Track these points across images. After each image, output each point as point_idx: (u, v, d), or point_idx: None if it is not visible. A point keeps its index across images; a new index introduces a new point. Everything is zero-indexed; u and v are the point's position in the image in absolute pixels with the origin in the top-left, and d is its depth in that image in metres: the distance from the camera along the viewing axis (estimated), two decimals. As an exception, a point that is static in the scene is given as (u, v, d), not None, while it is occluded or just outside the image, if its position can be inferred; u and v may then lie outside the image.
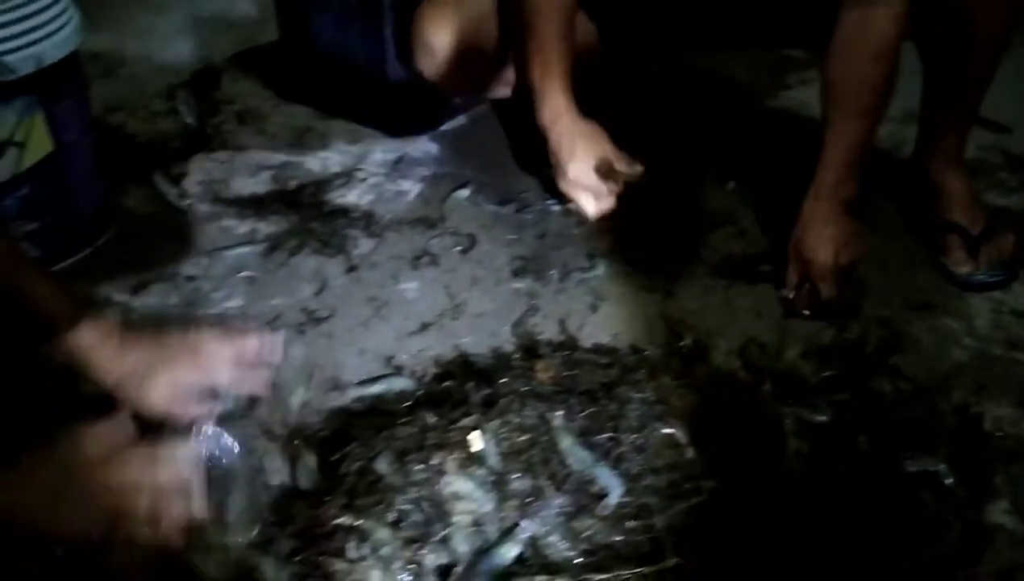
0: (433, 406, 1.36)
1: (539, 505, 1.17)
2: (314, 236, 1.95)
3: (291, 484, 1.38)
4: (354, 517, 1.17)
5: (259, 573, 1.21)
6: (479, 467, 1.21)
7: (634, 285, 1.82)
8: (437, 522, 1.17)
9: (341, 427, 1.45)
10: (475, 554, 1.13)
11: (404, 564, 1.14)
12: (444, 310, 1.76)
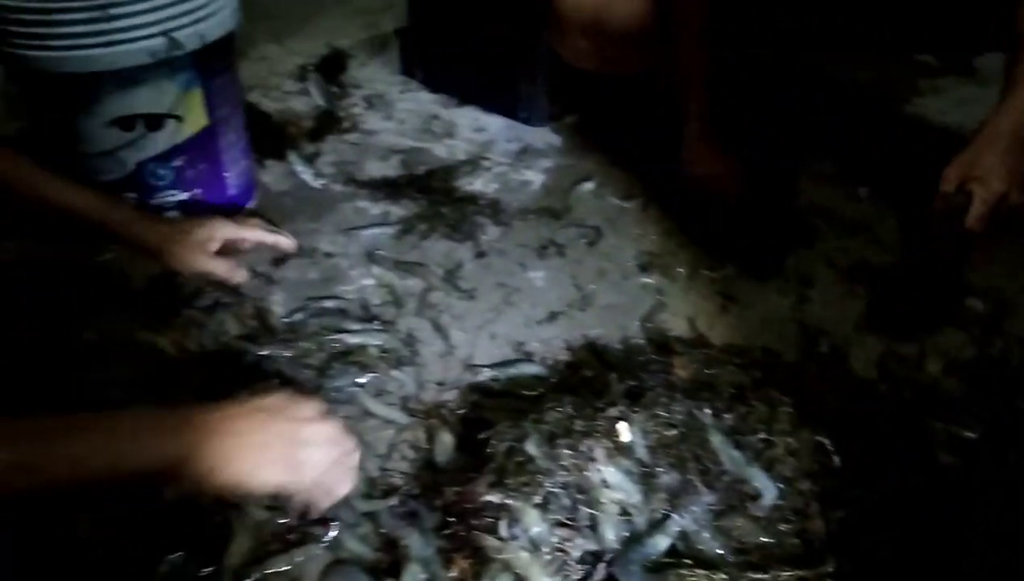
0: (571, 393, 1.37)
1: (690, 500, 1.17)
2: (444, 221, 1.99)
3: (429, 459, 1.43)
4: (503, 495, 1.18)
5: (404, 546, 1.25)
6: (627, 458, 1.21)
7: (766, 288, 1.79)
8: (585, 508, 1.18)
9: (478, 407, 1.48)
10: (624, 543, 1.14)
11: (552, 547, 1.15)
12: (572, 300, 1.77)
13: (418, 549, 1.24)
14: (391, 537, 1.27)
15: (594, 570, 1.12)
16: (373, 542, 1.28)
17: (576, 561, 1.15)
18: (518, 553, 1.13)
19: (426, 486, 1.36)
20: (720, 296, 1.78)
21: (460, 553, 1.19)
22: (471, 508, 1.22)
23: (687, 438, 1.24)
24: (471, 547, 1.18)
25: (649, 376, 1.43)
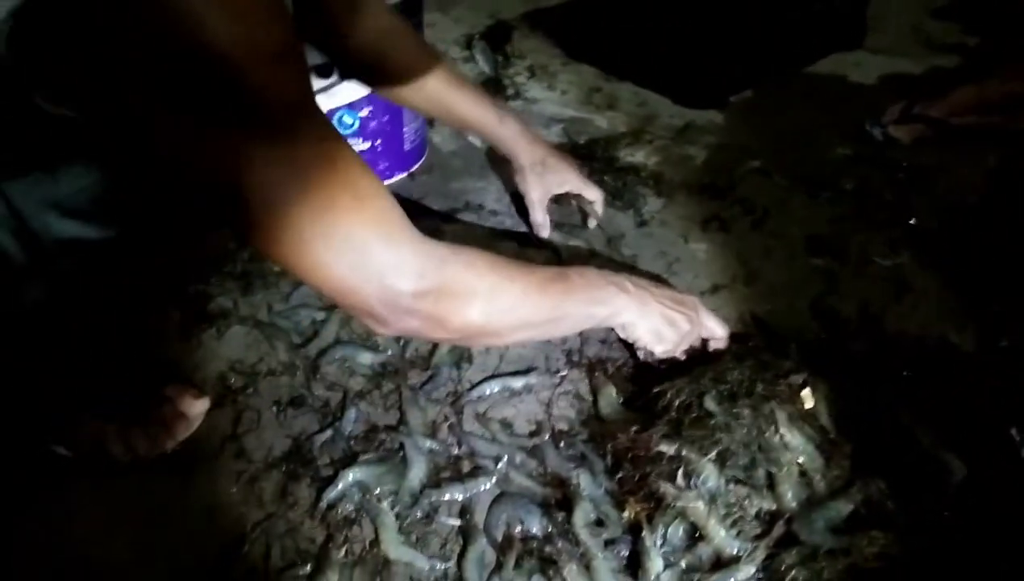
0: (748, 357, 1.36)
1: (873, 471, 1.14)
2: (605, 188, 1.99)
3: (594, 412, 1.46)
4: (679, 447, 1.19)
5: (574, 485, 1.28)
6: (810, 424, 1.20)
7: (943, 279, 1.72)
8: (764, 467, 1.17)
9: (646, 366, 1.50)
10: (806, 504, 1.13)
11: (729, 502, 1.15)
12: (737, 274, 1.76)
13: (589, 488, 1.27)
14: (560, 476, 1.31)
15: (773, 527, 1.11)
16: (541, 479, 1.33)
17: (752, 517, 1.14)
18: (695, 502, 1.14)
19: (594, 434, 1.39)
20: (894, 283, 1.72)
21: (634, 496, 1.21)
22: (644, 455, 1.23)
23: (871, 413, 1.21)
24: (646, 492, 1.20)
25: (824, 351, 1.40)
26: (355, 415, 1.44)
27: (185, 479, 1.34)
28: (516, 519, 1.26)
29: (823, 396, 1.23)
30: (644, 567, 1.12)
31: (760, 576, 1.07)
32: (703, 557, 1.12)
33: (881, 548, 1.01)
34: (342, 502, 1.30)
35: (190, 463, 1.37)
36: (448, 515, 1.29)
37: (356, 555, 1.23)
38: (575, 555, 1.17)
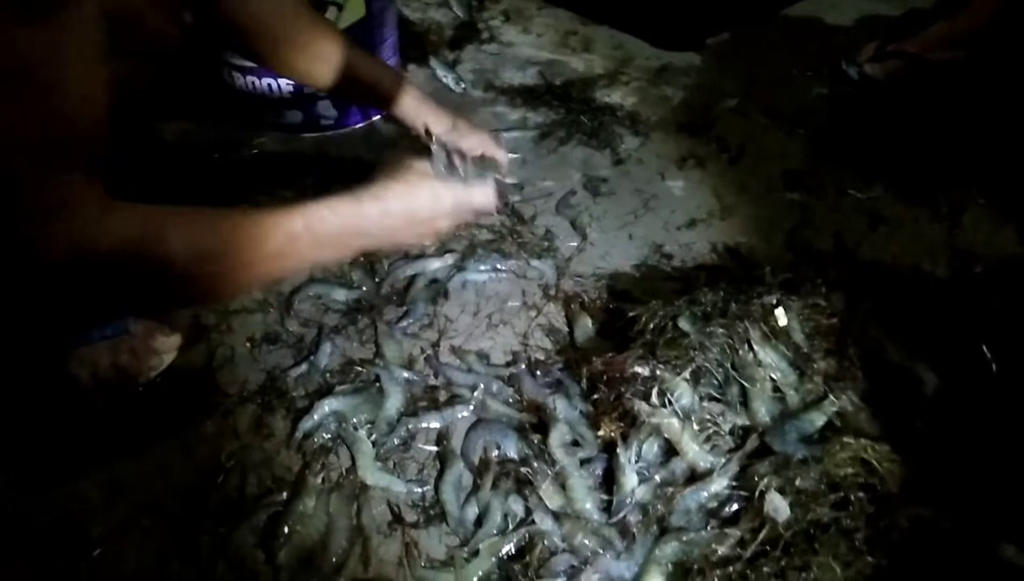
0: (721, 281, 1.36)
1: (847, 385, 1.15)
2: (582, 128, 1.99)
3: (570, 341, 1.46)
4: (653, 368, 1.20)
5: (548, 410, 1.28)
6: (783, 341, 1.20)
7: (916, 212, 1.73)
8: (738, 385, 1.18)
9: (620, 293, 1.50)
10: (779, 417, 1.13)
11: (703, 419, 1.15)
12: (713, 209, 1.76)
13: (564, 412, 1.27)
14: (536, 402, 1.31)
15: (747, 441, 1.12)
16: (517, 405, 1.33)
17: (726, 433, 1.15)
18: (669, 419, 1.15)
19: (569, 361, 1.39)
20: (868, 216, 1.72)
21: (608, 417, 1.21)
22: (619, 377, 1.23)
23: (847, 327, 1.21)
24: (620, 411, 1.20)
25: (800, 278, 1.40)
26: (330, 349, 1.43)
27: (158, 413, 1.33)
28: (493, 443, 1.26)
29: (796, 315, 1.23)
30: (619, 483, 1.13)
31: (734, 486, 1.07)
32: (677, 472, 1.12)
33: (853, 452, 1.02)
34: (318, 431, 1.29)
35: (163, 397, 1.36)
36: (425, 442, 1.29)
37: (333, 482, 1.23)
38: (551, 475, 1.17)
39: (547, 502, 1.15)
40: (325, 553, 1.14)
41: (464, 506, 1.19)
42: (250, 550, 1.14)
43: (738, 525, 1.02)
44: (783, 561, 0.96)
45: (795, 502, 0.99)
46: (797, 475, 1.03)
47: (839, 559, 0.94)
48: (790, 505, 0.99)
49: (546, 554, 1.10)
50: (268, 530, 1.16)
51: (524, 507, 1.17)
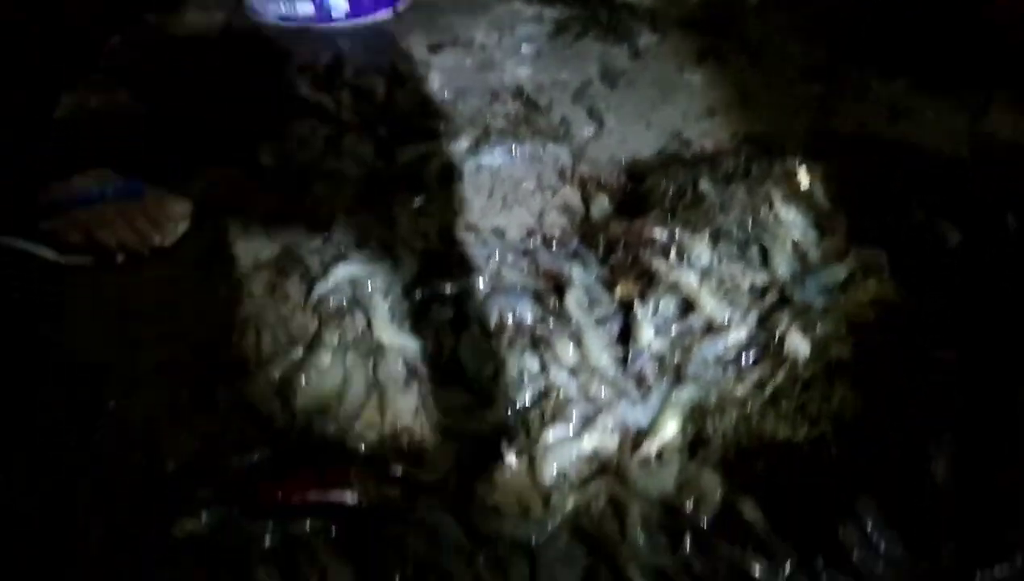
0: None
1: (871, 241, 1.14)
2: (599, 24, 1.95)
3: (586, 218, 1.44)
4: (672, 230, 1.18)
5: (565, 277, 1.27)
6: (806, 202, 1.19)
7: (939, 103, 1.69)
8: (758, 244, 1.17)
9: (638, 176, 1.48)
10: (800, 272, 1.12)
11: (721, 277, 1.14)
12: (732, 101, 1.72)
13: (581, 277, 1.26)
14: (552, 271, 1.30)
15: (767, 294, 1.10)
16: (533, 274, 1.32)
17: (745, 291, 1.14)
18: (687, 276, 1.13)
19: (585, 234, 1.37)
20: (890, 108, 1.68)
21: (625, 278, 1.20)
22: (637, 241, 1.22)
23: (869, 188, 1.19)
24: (638, 272, 1.19)
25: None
26: (344, 223, 1.42)
27: (174, 277, 1.33)
28: (508, 308, 1.25)
29: (819, 176, 1.21)
30: (635, 337, 1.12)
31: (753, 337, 1.06)
32: (695, 326, 1.12)
33: (876, 294, 1.01)
34: (334, 295, 1.29)
35: (178, 263, 1.36)
36: (440, 307, 1.29)
37: (349, 341, 1.23)
38: (567, 332, 1.17)
39: (562, 358, 1.15)
40: (341, 403, 1.14)
41: (479, 364, 1.19)
42: (266, 400, 1.14)
43: (757, 368, 1.01)
44: (802, 397, 0.95)
45: (816, 345, 0.98)
46: (818, 320, 1.02)
47: (860, 392, 0.93)
48: (810, 346, 0.98)
49: (561, 403, 1.10)
50: (284, 382, 1.16)
51: (539, 363, 1.16)
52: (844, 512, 0.94)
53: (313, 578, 0.94)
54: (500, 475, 1.06)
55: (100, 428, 1.11)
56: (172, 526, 0.97)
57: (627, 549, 0.97)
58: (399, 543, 0.97)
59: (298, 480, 1.00)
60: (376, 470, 1.04)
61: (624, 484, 1.01)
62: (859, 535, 0.94)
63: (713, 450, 0.99)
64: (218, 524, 0.98)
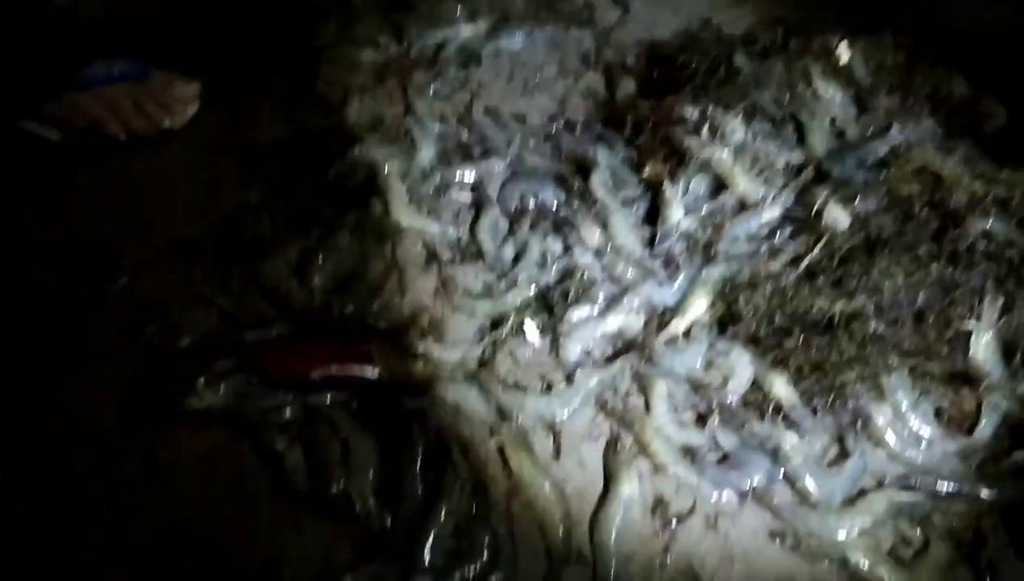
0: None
1: (912, 119, 1.08)
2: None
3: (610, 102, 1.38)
4: (705, 107, 1.12)
5: (589, 159, 1.22)
6: (845, 77, 1.12)
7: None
8: (793, 122, 1.11)
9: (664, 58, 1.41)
10: (838, 147, 1.07)
11: (755, 154, 1.09)
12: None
13: (606, 158, 1.21)
14: (576, 154, 1.25)
15: (802, 172, 1.06)
16: (556, 157, 1.27)
17: (780, 169, 1.09)
18: (720, 153, 1.08)
19: (610, 117, 1.32)
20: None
21: (654, 158, 1.15)
22: (666, 120, 1.17)
23: (913, 62, 1.13)
24: (666, 151, 1.14)
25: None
26: (359, 105, 1.37)
27: (185, 159, 1.29)
28: (530, 192, 1.21)
29: (860, 51, 1.14)
30: (664, 216, 1.08)
31: (788, 214, 1.02)
32: (726, 205, 1.07)
33: (921, 164, 0.96)
34: (350, 177, 1.24)
35: (188, 146, 1.31)
36: (459, 191, 1.24)
37: (366, 223, 1.19)
38: (591, 214, 1.13)
39: (587, 239, 1.11)
40: (360, 281, 1.12)
41: (501, 246, 1.16)
42: (283, 278, 1.12)
43: (792, 243, 0.97)
44: (840, 271, 0.92)
45: (856, 219, 0.94)
46: (857, 194, 0.97)
47: (901, 267, 0.89)
48: (850, 218, 0.94)
49: (586, 283, 1.07)
50: (302, 260, 1.13)
51: (563, 245, 1.13)
52: (878, 388, 0.91)
53: (334, 449, 0.92)
54: (523, 352, 1.04)
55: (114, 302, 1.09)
56: (189, 397, 0.95)
57: (652, 425, 0.95)
58: (421, 416, 0.95)
59: (318, 354, 0.98)
60: (397, 346, 1.01)
61: (650, 362, 0.99)
62: (892, 412, 0.92)
63: (744, 326, 0.96)
64: (236, 396, 0.96)
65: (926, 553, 0.86)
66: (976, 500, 0.88)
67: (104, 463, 0.95)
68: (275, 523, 0.90)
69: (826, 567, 0.86)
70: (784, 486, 0.90)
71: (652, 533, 0.89)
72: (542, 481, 0.91)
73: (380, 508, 0.88)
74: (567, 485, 0.92)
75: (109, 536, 0.90)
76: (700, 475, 0.91)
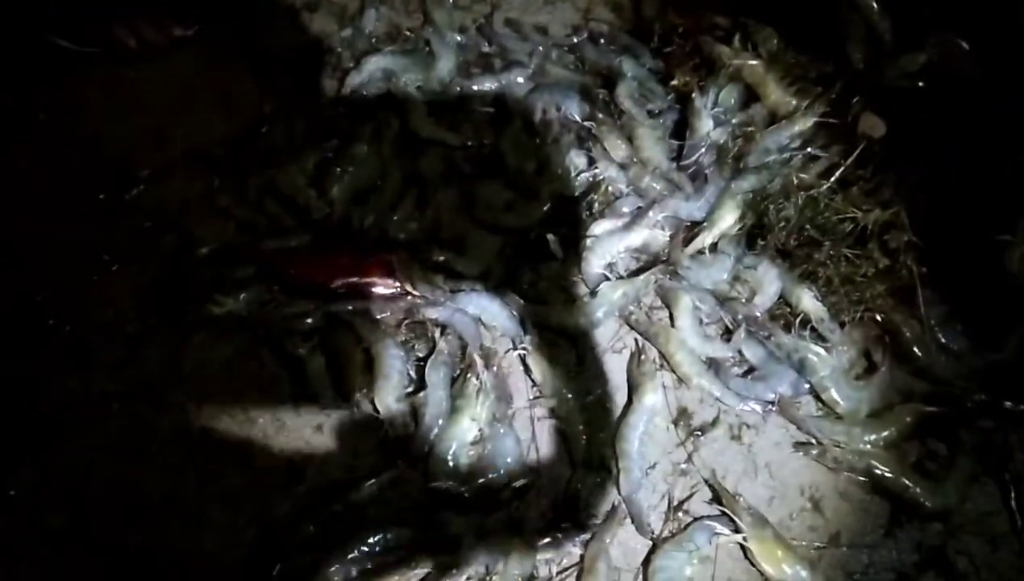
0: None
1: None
2: None
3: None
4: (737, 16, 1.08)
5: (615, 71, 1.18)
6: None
7: None
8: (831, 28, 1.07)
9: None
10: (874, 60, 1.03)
11: (789, 64, 1.05)
12: None
13: (632, 69, 1.17)
14: (600, 65, 1.21)
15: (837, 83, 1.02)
16: (580, 69, 1.23)
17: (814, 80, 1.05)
18: (752, 61, 1.04)
19: (637, 27, 1.27)
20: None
21: (683, 68, 1.11)
22: (697, 28, 1.12)
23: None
24: (696, 62, 1.10)
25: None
26: (375, 15, 1.32)
27: (199, 68, 1.26)
28: (553, 104, 1.17)
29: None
30: (693, 127, 1.05)
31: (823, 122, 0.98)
32: (758, 116, 1.04)
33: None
34: (368, 87, 1.21)
35: (201, 56, 1.27)
36: (480, 104, 1.21)
37: (385, 134, 1.16)
38: (617, 126, 1.10)
39: (613, 152, 1.08)
40: (380, 194, 1.09)
41: (522, 159, 1.13)
42: (302, 187, 1.10)
43: (826, 153, 0.94)
44: (875, 180, 0.89)
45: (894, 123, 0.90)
46: (895, 105, 0.94)
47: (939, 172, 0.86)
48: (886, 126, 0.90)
49: (610, 197, 1.05)
50: (320, 170, 1.11)
51: (587, 159, 1.10)
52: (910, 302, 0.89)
53: (357, 357, 0.92)
54: (545, 266, 1.02)
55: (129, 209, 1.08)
56: (211, 305, 0.94)
57: (676, 338, 0.94)
58: (444, 325, 0.94)
59: (339, 264, 0.97)
60: (418, 257, 1.00)
61: (675, 276, 0.97)
62: (920, 329, 0.90)
63: (773, 238, 0.93)
64: (257, 303, 0.95)
65: (952, 466, 0.85)
66: (1003, 414, 0.87)
67: (127, 363, 0.95)
68: (299, 427, 0.90)
69: (851, 477, 0.85)
70: (810, 398, 0.90)
71: (675, 443, 0.89)
72: (565, 391, 0.90)
73: (403, 415, 0.88)
74: (589, 396, 0.92)
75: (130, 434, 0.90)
76: (724, 387, 0.90)
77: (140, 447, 0.90)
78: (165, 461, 0.89)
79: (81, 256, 1.05)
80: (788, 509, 0.85)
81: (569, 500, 0.84)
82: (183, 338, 0.96)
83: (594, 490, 0.85)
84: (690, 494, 0.85)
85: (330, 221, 1.07)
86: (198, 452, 0.89)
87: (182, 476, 0.88)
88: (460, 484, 0.84)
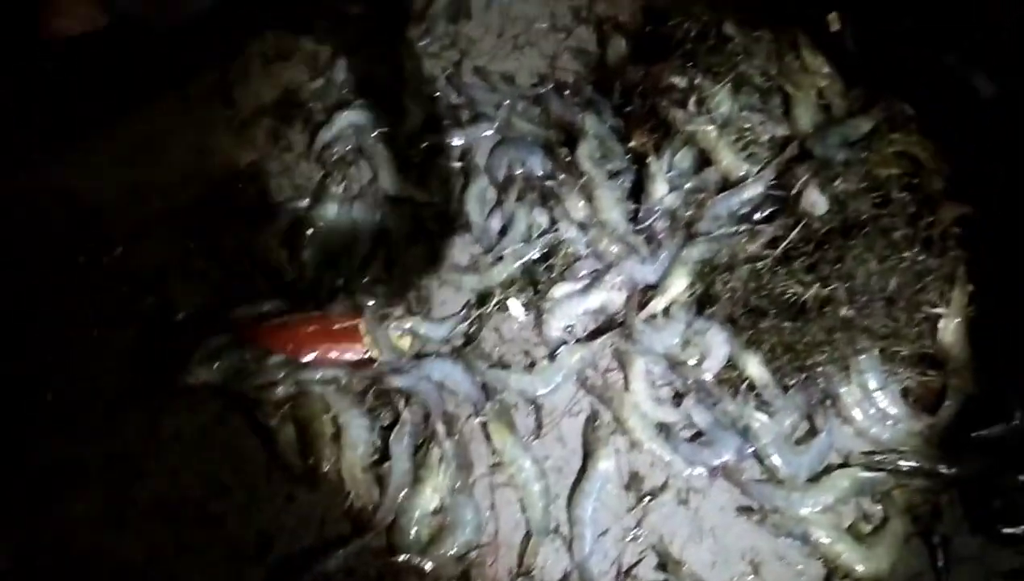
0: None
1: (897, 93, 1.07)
2: None
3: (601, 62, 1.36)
4: (692, 76, 1.11)
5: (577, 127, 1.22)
6: (834, 47, 1.11)
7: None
8: (780, 95, 1.11)
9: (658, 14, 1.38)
10: (822, 125, 1.07)
11: (741, 128, 1.09)
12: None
13: (594, 128, 1.21)
14: (564, 120, 1.25)
15: (786, 148, 1.06)
16: (544, 124, 1.27)
17: (765, 143, 1.09)
18: (705, 127, 1.08)
19: (600, 80, 1.30)
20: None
21: (641, 129, 1.15)
22: (654, 88, 1.15)
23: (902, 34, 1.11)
24: (654, 123, 1.14)
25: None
26: (347, 65, 1.35)
27: (170, 120, 1.28)
28: (518, 160, 1.21)
29: (850, 20, 1.12)
30: (648, 191, 1.09)
31: (769, 191, 1.03)
32: (710, 181, 1.08)
33: (901, 147, 0.96)
34: (338, 143, 1.25)
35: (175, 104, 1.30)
36: (448, 158, 1.25)
37: (355, 192, 1.20)
38: (577, 186, 1.14)
39: (572, 213, 1.12)
40: (349, 255, 1.14)
41: (488, 217, 1.17)
42: (274, 249, 1.14)
43: (771, 225, 0.99)
44: (815, 256, 0.94)
45: (834, 201, 0.95)
46: (838, 175, 0.98)
47: (875, 253, 0.91)
48: (829, 202, 0.95)
49: (570, 258, 1.09)
50: (291, 232, 1.15)
51: (549, 217, 1.14)
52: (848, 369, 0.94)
53: (325, 426, 0.97)
54: (507, 328, 1.07)
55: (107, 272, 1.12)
56: (186, 374, 0.99)
57: (630, 402, 0.99)
58: (408, 393, 0.99)
59: (308, 333, 1.01)
60: (385, 323, 1.04)
61: (630, 339, 1.02)
62: (860, 392, 0.96)
63: (721, 307, 0.98)
64: (231, 372, 0.99)
65: (884, 528, 0.91)
66: (935, 477, 0.93)
67: (104, 432, 1.00)
68: (270, 496, 0.95)
69: (789, 542, 0.91)
70: (754, 462, 0.95)
71: (626, 508, 0.94)
72: (523, 457, 0.95)
73: (368, 484, 0.93)
74: (547, 461, 0.97)
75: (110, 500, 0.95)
76: (674, 451, 0.96)
77: (119, 514, 0.95)
78: (143, 529, 0.94)
79: (65, 321, 1.09)
80: (729, 573, 0.90)
81: (524, 568, 0.90)
82: (160, 405, 1.00)
83: (549, 557, 0.91)
84: (638, 560, 0.91)
85: (301, 284, 1.11)
86: (176, 520, 0.94)
87: (160, 543, 0.93)
88: (420, 555, 0.89)
